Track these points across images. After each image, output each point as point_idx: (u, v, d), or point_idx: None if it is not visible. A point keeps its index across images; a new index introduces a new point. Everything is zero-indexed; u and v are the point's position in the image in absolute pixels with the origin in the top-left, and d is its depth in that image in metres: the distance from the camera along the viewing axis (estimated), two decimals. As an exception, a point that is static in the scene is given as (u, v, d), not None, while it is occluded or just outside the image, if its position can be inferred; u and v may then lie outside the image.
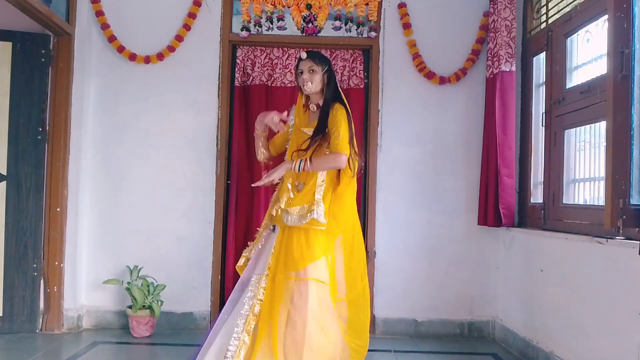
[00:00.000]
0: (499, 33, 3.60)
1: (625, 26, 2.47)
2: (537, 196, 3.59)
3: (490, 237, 3.83)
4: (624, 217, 2.45)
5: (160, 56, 3.82)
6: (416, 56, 3.84)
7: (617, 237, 2.48)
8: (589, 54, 3.05)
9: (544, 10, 3.53)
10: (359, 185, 3.08)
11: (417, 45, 3.85)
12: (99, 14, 3.79)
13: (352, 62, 3.96)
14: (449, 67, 3.87)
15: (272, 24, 3.89)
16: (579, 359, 2.74)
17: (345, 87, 3.88)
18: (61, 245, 3.65)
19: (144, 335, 3.62)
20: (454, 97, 3.88)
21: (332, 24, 3.89)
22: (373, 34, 3.87)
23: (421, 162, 3.88)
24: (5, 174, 3.57)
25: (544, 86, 3.49)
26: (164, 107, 3.86)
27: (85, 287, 3.80)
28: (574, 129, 3.15)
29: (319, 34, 3.89)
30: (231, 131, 3.93)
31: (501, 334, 3.70)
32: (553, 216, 3.25)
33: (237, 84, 3.94)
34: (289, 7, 3.89)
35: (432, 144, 3.88)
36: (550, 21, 3.42)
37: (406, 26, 3.86)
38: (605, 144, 2.61)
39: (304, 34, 3.89)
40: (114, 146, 3.85)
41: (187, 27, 3.84)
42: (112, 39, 3.80)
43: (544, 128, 3.45)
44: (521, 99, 3.75)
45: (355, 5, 3.88)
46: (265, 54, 3.96)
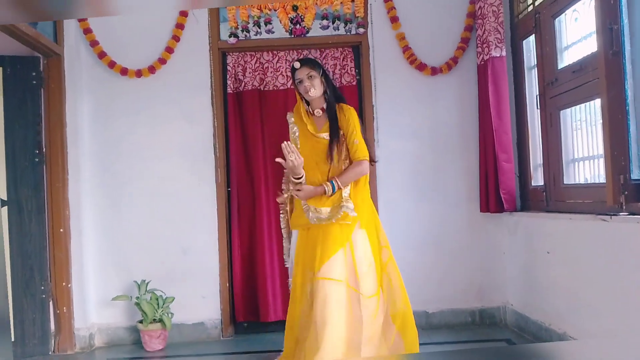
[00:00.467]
0: (486, 19, 3.60)
1: (612, 2, 2.48)
2: (537, 179, 3.59)
3: (494, 224, 3.83)
4: (626, 192, 2.45)
5: (152, 69, 3.82)
6: (406, 49, 3.85)
7: (620, 214, 2.48)
8: (578, 33, 3.06)
9: (529, -7, 3.54)
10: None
11: (406, 38, 3.86)
12: (87, 31, 3.79)
13: (343, 60, 3.96)
14: (440, 57, 3.87)
15: (259, 28, 3.89)
16: (591, 337, 2.74)
17: (337, 85, 3.87)
18: (67, 266, 3.65)
19: (157, 348, 3.62)
20: (447, 86, 3.88)
21: (320, 24, 3.89)
22: (361, 30, 3.87)
23: (419, 154, 3.88)
24: (5, 198, 3.57)
25: (536, 69, 3.49)
26: (159, 119, 3.86)
27: (94, 305, 3.80)
28: (569, 108, 3.15)
29: (308, 35, 3.89)
30: (228, 138, 3.93)
31: (513, 319, 3.70)
32: (555, 197, 3.25)
33: (229, 90, 3.94)
34: (275, 10, 3.89)
35: (429, 135, 3.88)
36: (536, 3, 3.42)
37: (393, 20, 3.86)
38: (601, 121, 2.62)
39: (293, 36, 3.89)
40: (112, 162, 3.85)
41: (176, 38, 3.84)
42: (102, 55, 3.80)
43: (539, 110, 3.45)
44: (514, 83, 3.75)
45: (342, 2, 3.88)
46: (256, 58, 3.96)
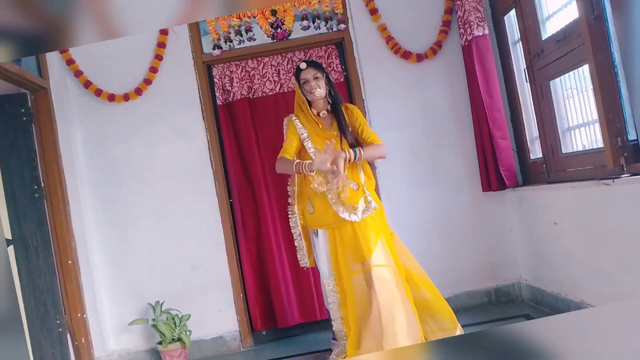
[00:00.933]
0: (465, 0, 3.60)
1: (588, -33, 2.47)
2: (535, 152, 3.59)
3: (498, 202, 3.83)
4: (625, 154, 2.45)
5: (139, 91, 3.82)
6: (389, 39, 3.85)
7: (622, 176, 2.48)
8: (558, 1, 3.05)
9: (504, -31, 3.54)
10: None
11: (388, 29, 3.85)
12: (70, 62, 3.79)
13: (328, 58, 3.96)
14: (424, 43, 3.87)
15: (241, 36, 3.89)
16: (609, 301, 2.74)
17: (326, 84, 3.88)
18: (80, 297, 3.65)
19: (179, 367, 3.62)
20: (434, 71, 3.88)
21: (301, 25, 3.89)
22: (342, 26, 3.87)
23: (414, 142, 3.87)
24: (10, 237, 3.56)
25: (520, 43, 3.49)
26: (152, 140, 3.86)
27: (112, 332, 3.80)
28: (558, 78, 3.15)
29: (290, 37, 3.89)
30: (223, 150, 3.93)
31: (529, 293, 3.70)
32: (555, 168, 3.25)
33: (219, 102, 3.93)
34: (254, 17, 3.89)
35: (422, 121, 3.88)
36: (513, -22, 3.42)
37: (373, 12, 3.86)
38: (592, 86, 2.62)
39: (275, 40, 3.89)
40: (111, 188, 3.85)
41: (159, 57, 3.84)
42: (87, 84, 3.80)
43: (528, 83, 3.45)
44: (500, 60, 3.75)
45: (319, 1, 3.88)
46: (241, 67, 3.96)
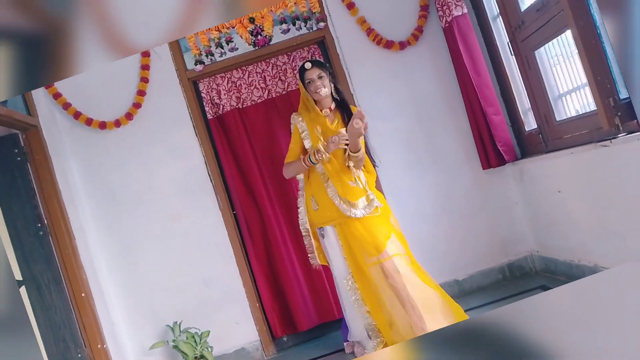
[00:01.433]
0: (440, -18, 3.60)
1: None
2: (530, 123, 3.59)
3: (500, 177, 3.83)
4: (619, 113, 2.45)
5: (129, 116, 3.82)
6: (369, 31, 3.84)
7: (619, 135, 2.48)
8: (531, -29, 3.06)
9: (475, -54, 3.54)
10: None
11: (367, 21, 3.85)
12: (57, 96, 3.80)
13: (312, 58, 3.96)
14: (405, 30, 3.87)
15: (223, 48, 3.89)
16: (622, 262, 2.74)
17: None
18: (98, 328, 3.65)
19: (205, 384, 3.62)
20: (419, 57, 3.88)
21: (280, 28, 3.89)
22: (322, 24, 3.87)
23: (408, 130, 3.87)
24: (21, 279, 3.56)
25: (500, 17, 3.49)
26: (148, 163, 3.86)
27: (134, 359, 3.80)
28: (543, 47, 3.15)
29: (271, 43, 3.89)
30: (220, 164, 3.93)
31: (542, 264, 3.70)
32: (552, 136, 3.25)
33: (209, 116, 3.93)
34: (233, 27, 3.89)
35: (413, 108, 3.88)
36: (484, -46, 3.42)
37: (350, 6, 3.86)
38: (577, 51, 2.62)
39: (257, 47, 3.89)
40: (114, 216, 3.85)
41: (145, 80, 3.84)
42: (77, 115, 3.80)
43: (513, 56, 3.45)
44: (483, 37, 3.75)
45: (296, 3, 3.88)
46: (227, 79, 3.96)
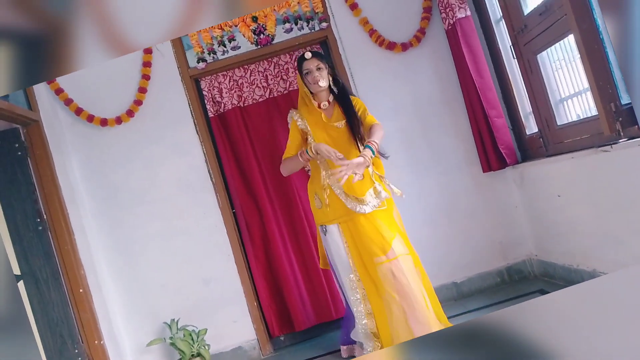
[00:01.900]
0: (443, -16, 3.60)
1: (561, -63, 2.47)
2: (531, 127, 3.59)
3: (500, 181, 3.83)
4: (620, 119, 2.45)
5: (130, 113, 3.82)
6: (372, 32, 3.85)
7: (620, 141, 2.48)
8: (535, -25, 3.06)
9: (479, -52, 3.54)
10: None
11: (370, 22, 3.86)
12: (59, 92, 3.80)
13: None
14: (407, 32, 3.87)
15: (225, 47, 3.89)
16: (621, 267, 2.74)
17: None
18: (95, 324, 3.65)
19: (202, 382, 3.62)
20: (421, 59, 3.88)
21: (283, 28, 3.89)
22: (324, 24, 3.87)
23: (410, 131, 3.87)
24: (19, 273, 3.56)
25: (503, 20, 3.49)
26: (149, 160, 3.86)
27: (131, 355, 3.80)
28: (545, 51, 3.15)
29: (274, 42, 3.89)
30: (220, 162, 3.93)
31: (541, 268, 3.70)
32: (552, 141, 3.25)
33: (211, 114, 3.93)
34: (236, 26, 3.89)
35: (415, 110, 3.88)
36: (488, -44, 3.42)
37: (353, 7, 3.86)
38: (579, 55, 2.62)
39: (259, 46, 3.89)
40: (114, 212, 3.85)
41: (147, 77, 3.84)
42: (78, 111, 3.80)
43: (515, 60, 3.45)
44: (485, 40, 3.75)
45: (299, 2, 3.88)
46: (229, 77, 3.96)
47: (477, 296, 3.74)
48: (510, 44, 3.45)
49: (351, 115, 2.88)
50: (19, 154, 3.65)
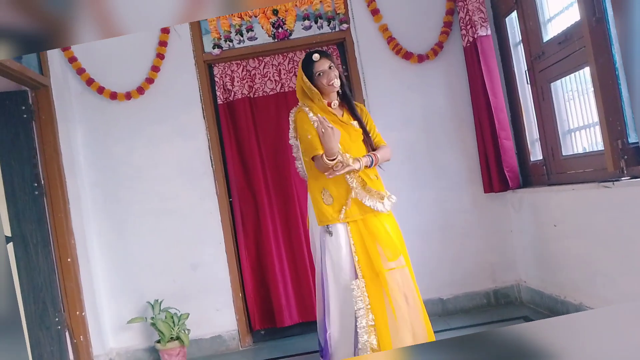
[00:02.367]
0: (468, 0, 3.60)
1: (590, -30, 2.47)
2: (536, 154, 3.59)
3: (498, 203, 3.83)
4: (626, 157, 2.45)
5: (141, 90, 3.82)
6: (390, 40, 3.85)
7: (622, 179, 2.48)
8: (559, 3, 3.05)
9: (506, -30, 3.54)
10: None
11: (389, 29, 3.86)
12: (72, 60, 3.80)
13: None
14: (425, 44, 3.87)
15: (242, 36, 3.89)
16: (608, 304, 2.74)
17: (326, 84, 3.88)
18: (79, 294, 3.65)
19: (177, 366, 3.62)
20: (435, 72, 3.88)
21: (302, 24, 3.89)
22: (344, 26, 3.87)
23: (415, 142, 3.88)
24: (10, 235, 3.57)
25: (521, 44, 3.49)
26: (153, 139, 3.86)
27: (110, 330, 3.80)
28: (559, 80, 3.15)
29: (291, 37, 3.89)
30: (223, 150, 3.93)
31: (528, 295, 3.70)
32: (555, 170, 3.25)
33: (220, 101, 3.94)
34: (256, 17, 3.89)
35: (423, 122, 3.88)
36: (515, -21, 3.42)
37: (375, 12, 3.86)
38: (592, 89, 2.61)
39: (276, 40, 3.89)
40: (112, 186, 3.85)
41: (161, 56, 3.84)
42: (89, 82, 3.80)
43: (529, 85, 3.45)
44: (501, 61, 3.75)
45: (321, 1, 3.88)
46: (242, 67, 3.96)
47: (461, 315, 3.74)
48: (526, 68, 3.45)
49: (358, 117, 2.84)
50: (25, 116, 3.65)
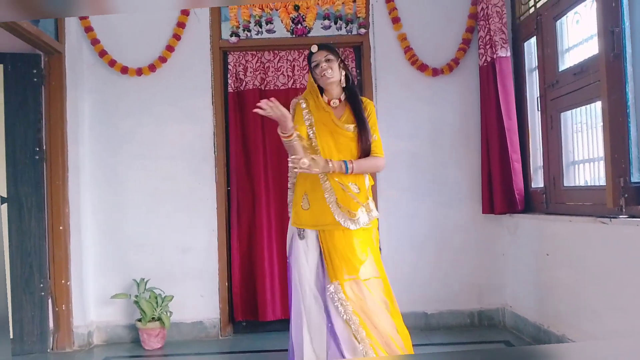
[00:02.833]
0: (491, 20, 3.59)
1: (614, 5, 2.47)
2: (537, 181, 3.59)
3: (494, 225, 3.83)
4: (626, 195, 2.45)
5: (152, 67, 3.82)
6: (407, 49, 3.85)
7: (620, 216, 2.48)
8: (579, 35, 3.05)
9: (531, -5, 3.54)
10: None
11: (408, 39, 3.86)
12: (88, 29, 3.79)
13: (344, 60, 3.95)
14: (441, 58, 3.87)
15: (261, 27, 3.89)
16: (591, 338, 2.74)
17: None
18: (66, 264, 3.65)
19: (155, 347, 3.62)
20: (448, 87, 3.88)
21: (322, 24, 3.89)
22: (363, 30, 3.87)
23: (420, 154, 3.88)
24: (5, 196, 3.57)
25: (537, 70, 3.49)
26: (159, 118, 3.86)
27: (93, 303, 3.80)
28: (570, 111, 3.15)
29: (309, 34, 3.89)
30: (228, 138, 3.93)
31: (512, 320, 3.70)
32: (555, 199, 3.25)
33: (230, 90, 3.93)
34: (277, 10, 3.89)
35: (430, 135, 3.88)
36: (538, 5, 3.42)
37: (395, 20, 3.86)
38: (602, 124, 2.61)
39: (294, 36, 3.89)
40: (112, 161, 3.85)
41: (177, 37, 3.84)
42: (102, 53, 3.80)
43: (539, 112, 3.45)
44: (515, 85, 3.74)
45: (343, 3, 3.88)
46: (257, 58, 3.96)
47: (443, 332, 3.74)
48: (538, 95, 3.45)
49: (362, 120, 2.63)
50: (35, 80, 3.65)
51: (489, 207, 3.72)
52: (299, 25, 3.89)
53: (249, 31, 3.88)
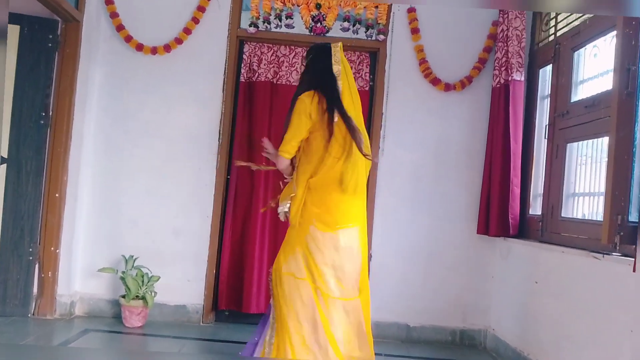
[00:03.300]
0: (510, 42, 3.59)
1: (633, 43, 2.47)
2: (536, 208, 3.58)
3: (488, 246, 3.83)
4: (622, 233, 2.45)
5: (167, 48, 3.82)
6: (423, 61, 3.85)
7: (613, 253, 2.48)
8: (595, 68, 3.05)
9: (552, 23, 3.53)
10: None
11: (424, 51, 3.86)
12: (108, 2, 3.79)
13: (359, 64, 3.96)
14: (455, 74, 3.87)
15: (280, 21, 3.89)
16: (569, 372, 2.74)
17: (350, 89, 3.87)
18: (58, 231, 3.65)
19: (136, 325, 3.62)
20: (458, 104, 3.88)
21: (341, 25, 3.89)
22: (381, 37, 3.87)
23: (423, 166, 3.88)
24: (6, 157, 3.57)
25: (549, 98, 3.49)
26: (168, 99, 3.86)
27: (79, 274, 3.80)
28: (577, 142, 3.15)
29: (327, 34, 3.89)
30: (234, 126, 3.93)
31: (492, 343, 3.70)
32: (551, 229, 3.25)
33: (242, 79, 3.93)
34: (298, 6, 3.89)
35: (435, 149, 3.88)
36: (558, 34, 3.42)
37: (414, 31, 3.86)
38: (606, 159, 2.61)
39: (312, 33, 3.89)
40: (117, 135, 3.85)
41: (196, 21, 3.84)
42: (120, 28, 3.80)
43: (546, 140, 3.45)
44: (525, 110, 3.74)
45: (365, 7, 3.88)
46: (272, 51, 3.96)
47: (424, 346, 3.74)
48: (547, 123, 3.45)
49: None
50: (50, 45, 3.65)
51: (484, 228, 3.72)
52: (319, 24, 3.89)
53: (269, 23, 3.88)
